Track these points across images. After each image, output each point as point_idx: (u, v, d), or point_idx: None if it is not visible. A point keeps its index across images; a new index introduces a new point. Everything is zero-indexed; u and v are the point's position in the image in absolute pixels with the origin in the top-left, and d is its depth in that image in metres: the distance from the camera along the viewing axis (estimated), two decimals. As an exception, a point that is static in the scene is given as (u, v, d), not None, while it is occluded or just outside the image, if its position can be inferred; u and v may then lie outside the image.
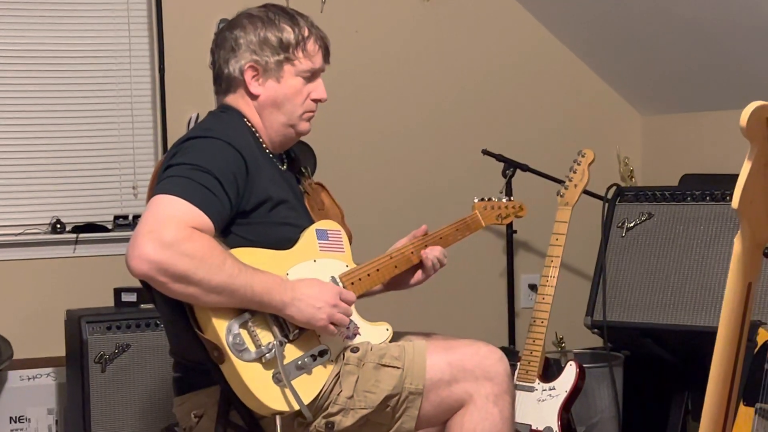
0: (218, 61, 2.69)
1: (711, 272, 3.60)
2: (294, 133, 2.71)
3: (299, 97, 2.68)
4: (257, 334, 2.44)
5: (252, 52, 2.64)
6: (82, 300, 3.90)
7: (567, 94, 4.78)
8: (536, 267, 4.17)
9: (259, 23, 2.65)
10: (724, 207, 3.64)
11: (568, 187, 3.68)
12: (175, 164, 2.46)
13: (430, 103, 4.59)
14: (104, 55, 4.21)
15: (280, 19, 2.65)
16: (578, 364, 3.53)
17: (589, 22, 4.55)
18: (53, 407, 3.86)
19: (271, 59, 2.64)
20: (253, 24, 2.65)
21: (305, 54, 2.66)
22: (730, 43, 4.02)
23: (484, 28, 4.66)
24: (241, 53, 2.64)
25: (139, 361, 3.61)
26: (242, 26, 2.65)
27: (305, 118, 2.70)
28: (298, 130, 2.71)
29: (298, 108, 2.68)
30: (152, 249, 2.30)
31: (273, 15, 2.66)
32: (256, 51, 2.63)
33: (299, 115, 2.69)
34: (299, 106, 2.68)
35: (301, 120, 2.70)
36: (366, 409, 2.54)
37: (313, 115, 2.72)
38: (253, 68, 2.64)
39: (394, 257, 2.78)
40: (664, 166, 4.69)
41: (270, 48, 2.63)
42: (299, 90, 2.67)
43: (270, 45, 2.63)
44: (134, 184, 4.24)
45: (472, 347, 2.63)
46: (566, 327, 4.37)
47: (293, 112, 2.68)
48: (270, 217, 2.57)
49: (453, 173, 4.58)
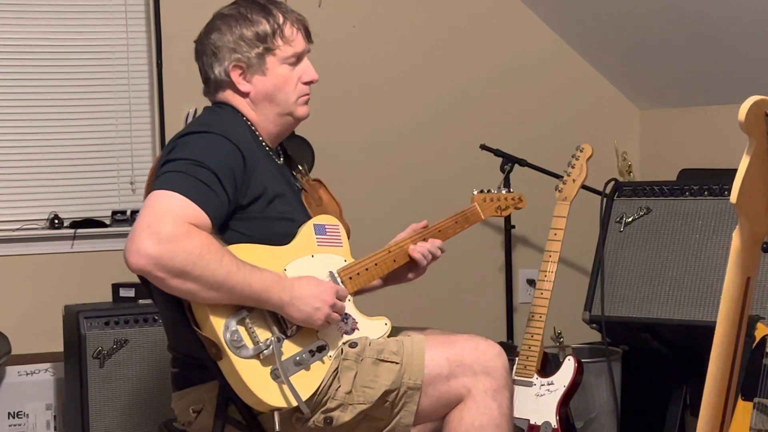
0: (204, 67, 2.70)
1: (709, 267, 3.60)
2: (292, 119, 2.71)
3: (289, 84, 2.67)
4: (255, 331, 2.44)
5: (231, 51, 2.63)
6: (80, 295, 3.90)
7: (565, 88, 4.77)
8: (535, 262, 4.16)
9: (233, 21, 2.64)
10: (723, 202, 3.63)
11: (567, 182, 3.68)
12: (173, 160, 2.46)
13: (428, 98, 4.59)
14: (102, 50, 4.20)
15: (252, 12, 2.65)
16: (576, 359, 3.53)
17: (586, 16, 4.54)
18: (51, 402, 3.86)
19: (251, 54, 2.63)
20: (227, 24, 2.65)
21: (284, 40, 2.65)
22: (728, 38, 4.02)
23: (482, 23, 4.65)
24: (222, 55, 2.64)
25: (137, 357, 3.60)
26: (217, 29, 2.66)
27: (300, 103, 2.70)
28: (296, 116, 2.70)
29: (291, 95, 2.68)
30: (150, 244, 2.30)
31: (245, 10, 2.65)
32: (236, 49, 2.63)
33: (294, 101, 2.68)
34: (291, 92, 2.68)
35: (297, 105, 2.69)
36: (364, 404, 2.54)
37: (308, 97, 2.71)
38: (237, 67, 2.64)
39: (392, 251, 2.78)
40: (662, 161, 4.69)
41: (247, 43, 2.63)
42: (288, 77, 2.67)
43: (246, 40, 2.63)
44: (132, 179, 4.24)
45: (471, 342, 2.63)
46: (565, 322, 4.37)
47: (287, 100, 2.68)
48: (267, 211, 2.56)
49: (451, 168, 4.57)
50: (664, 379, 3.92)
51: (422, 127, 4.58)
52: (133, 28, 4.23)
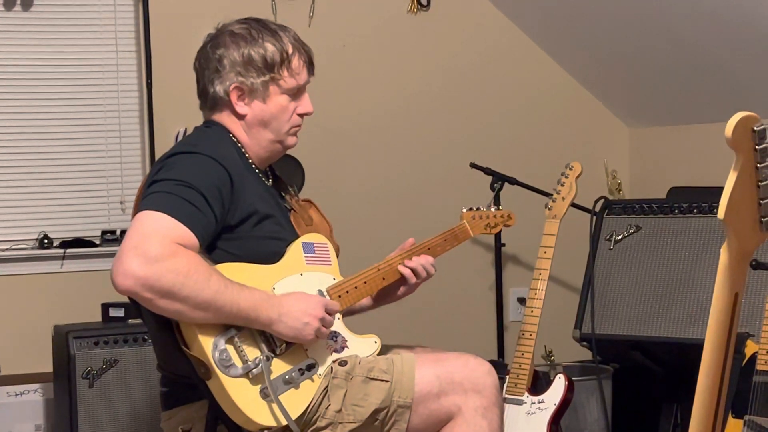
0: (203, 80, 2.67)
1: (699, 284, 3.61)
2: (281, 147, 2.71)
3: (285, 114, 2.67)
4: (244, 350, 2.43)
5: (237, 73, 2.61)
6: (69, 315, 3.88)
7: (554, 107, 4.78)
8: (525, 280, 4.16)
9: (242, 41, 2.62)
10: (712, 219, 3.64)
11: (556, 200, 3.68)
12: (160, 180, 2.45)
13: (418, 116, 4.60)
14: (92, 70, 4.21)
15: (263, 35, 2.63)
16: (567, 377, 3.52)
17: (576, 35, 4.56)
18: (41, 423, 3.84)
19: (256, 80, 2.62)
20: (236, 42, 2.62)
21: (290, 72, 2.64)
22: (717, 56, 4.03)
23: (471, 41, 4.67)
24: (226, 74, 2.62)
25: (126, 377, 3.59)
26: (225, 45, 2.63)
27: (292, 133, 2.70)
28: (286, 144, 2.71)
29: (284, 125, 2.67)
30: (137, 265, 2.29)
31: (256, 32, 2.63)
32: (241, 72, 2.61)
33: (286, 131, 2.68)
34: (286, 122, 2.67)
35: (288, 135, 2.69)
36: (354, 422, 2.53)
37: (299, 129, 2.71)
38: (239, 89, 2.62)
39: (381, 269, 2.77)
40: (651, 179, 4.70)
41: (255, 68, 2.61)
42: (285, 107, 2.66)
43: (255, 65, 2.61)
44: (122, 199, 4.23)
45: (461, 360, 2.62)
46: (555, 340, 4.37)
47: (280, 129, 2.67)
48: (255, 231, 2.56)
49: (441, 187, 4.58)
50: (655, 397, 3.92)
51: (412, 145, 4.58)
52: (123, 48, 4.23)
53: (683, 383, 3.71)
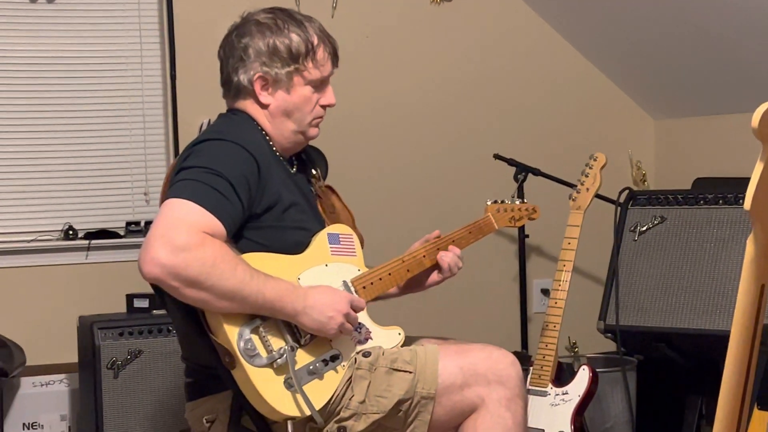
0: (227, 68, 2.67)
1: (724, 276, 3.59)
2: (303, 138, 2.71)
3: (309, 105, 2.67)
4: (268, 340, 2.43)
5: (262, 63, 2.61)
6: (94, 306, 3.90)
7: (579, 98, 4.77)
8: (549, 271, 4.15)
9: (268, 31, 2.62)
10: (737, 210, 3.62)
11: (580, 191, 3.67)
12: (188, 167, 2.46)
13: (441, 107, 4.59)
14: (116, 62, 4.22)
15: (288, 26, 2.63)
16: (591, 369, 3.51)
17: (601, 26, 4.54)
18: (66, 413, 3.86)
19: (281, 71, 2.62)
20: (261, 32, 2.62)
21: (315, 64, 2.64)
22: (742, 46, 4.01)
23: (495, 32, 4.65)
24: (251, 63, 2.62)
25: (151, 367, 3.61)
26: (251, 34, 2.63)
27: (314, 124, 2.70)
28: (308, 135, 2.71)
29: (307, 116, 2.68)
30: (164, 253, 2.30)
31: (281, 22, 2.63)
32: (266, 62, 2.61)
33: (308, 122, 2.68)
34: (309, 114, 2.67)
35: (310, 126, 2.70)
36: (378, 413, 2.53)
37: (321, 120, 2.72)
38: (263, 79, 2.62)
39: (406, 261, 2.77)
40: (676, 170, 4.68)
41: (280, 59, 2.61)
42: (309, 98, 2.66)
43: (280, 55, 2.61)
44: (146, 190, 4.24)
45: (484, 351, 2.62)
46: (579, 331, 4.36)
47: (303, 119, 2.67)
48: (281, 220, 2.56)
49: (465, 178, 4.57)
50: (680, 389, 3.90)
51: (435, 137, 4.58)
52: (147, 40, 4.24)
53: (708, 375, 3.69)
